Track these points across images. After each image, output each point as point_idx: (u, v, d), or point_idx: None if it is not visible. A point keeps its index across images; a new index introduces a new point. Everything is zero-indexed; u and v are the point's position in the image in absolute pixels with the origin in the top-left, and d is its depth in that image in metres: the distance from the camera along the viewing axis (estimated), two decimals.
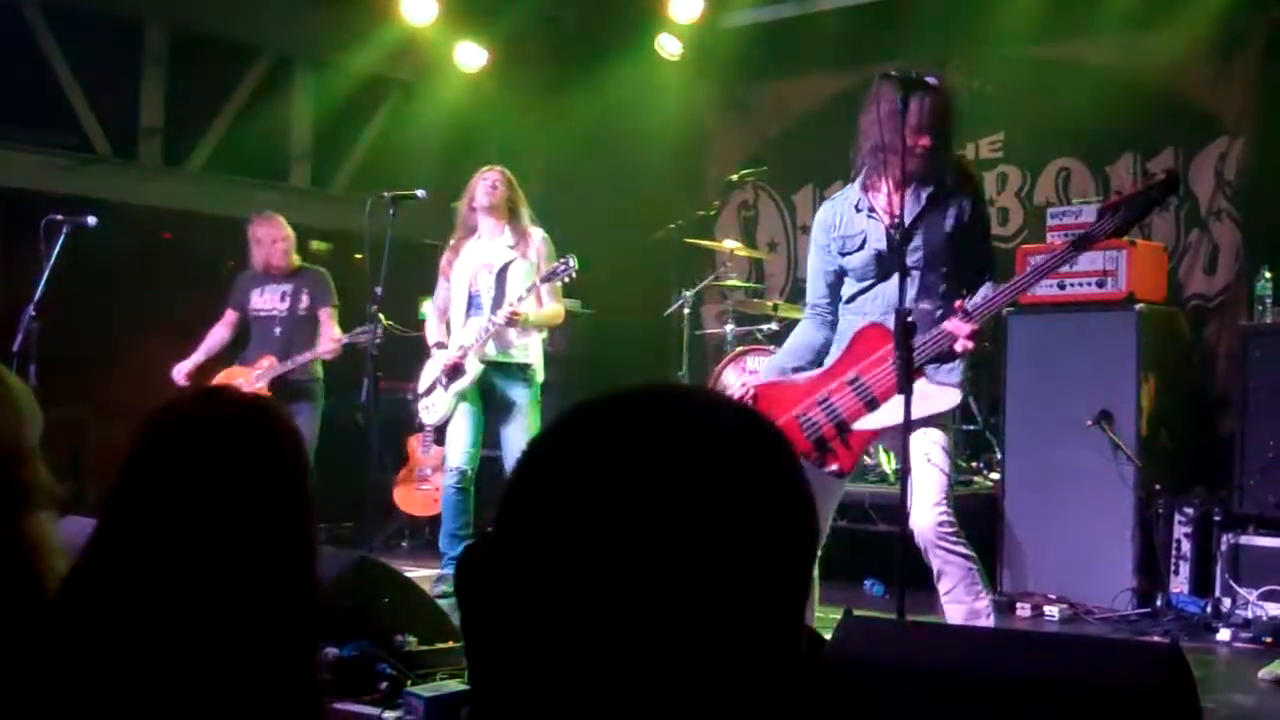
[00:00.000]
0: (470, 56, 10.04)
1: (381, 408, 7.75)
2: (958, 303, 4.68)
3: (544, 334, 7.50)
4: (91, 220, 7.39)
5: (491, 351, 7.22)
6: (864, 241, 4.99)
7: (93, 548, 2.08)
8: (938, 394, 4.71)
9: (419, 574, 6.86)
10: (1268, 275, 6.87)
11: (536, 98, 9.94)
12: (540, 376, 7.37)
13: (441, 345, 7.47)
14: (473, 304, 7.36)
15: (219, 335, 8.44)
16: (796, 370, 5.14)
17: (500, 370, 7.28)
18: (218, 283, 9.40)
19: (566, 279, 7.31)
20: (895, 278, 4.85)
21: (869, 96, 4.95)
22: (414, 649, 4.00)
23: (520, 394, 7.29)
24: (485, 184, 7.43)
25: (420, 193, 7.37)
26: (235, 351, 8.41)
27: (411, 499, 8.51)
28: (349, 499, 8.13)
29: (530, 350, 7.35)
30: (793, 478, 1.11)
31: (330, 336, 8.17)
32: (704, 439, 1.08)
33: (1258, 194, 7.72)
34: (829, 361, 4.98)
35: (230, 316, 8.45)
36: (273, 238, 8.32)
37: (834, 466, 4.85)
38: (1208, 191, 7.99)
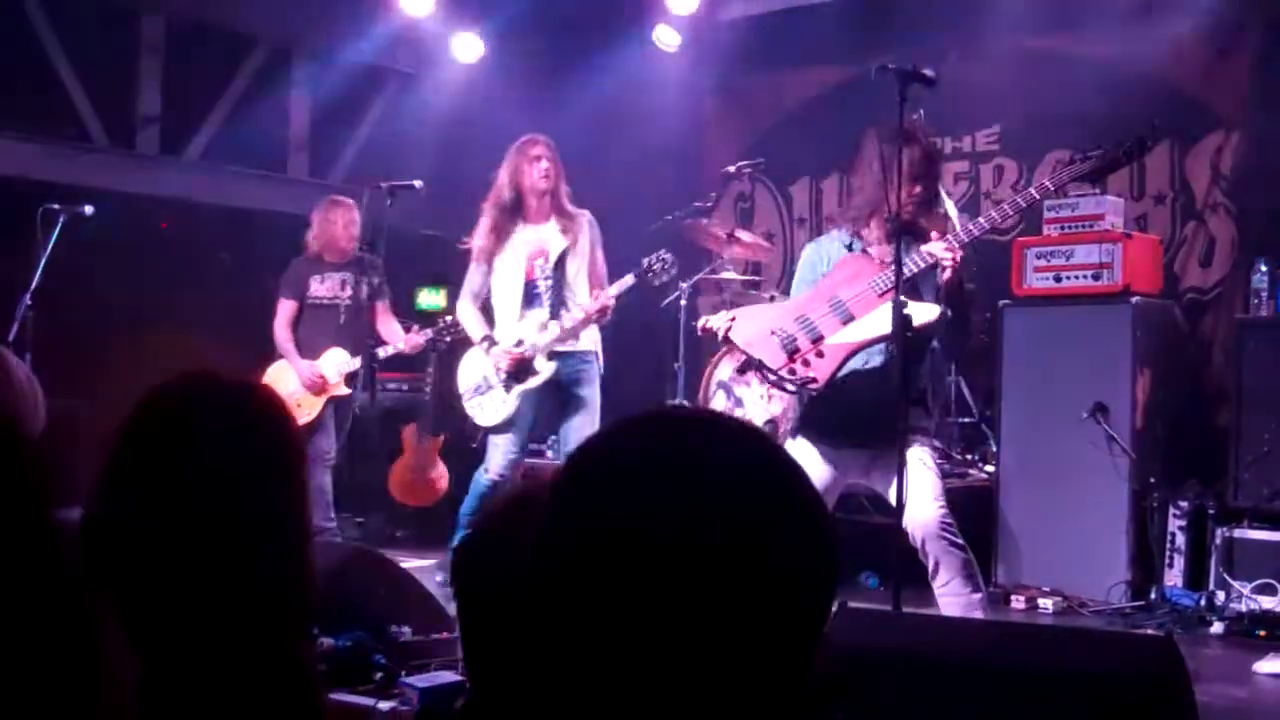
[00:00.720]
0: (467, 47, 10.03)
1: (377, 398, 7.77)
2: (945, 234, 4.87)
3: None
4: (88, 209, 7.40)
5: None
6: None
7: (82, 535, 2.09)
8: (918, 308, 4.77)
9: (414, 564, 6.88)
10: (1263, 268, 6.88)
11: (534, 89, 9.93)
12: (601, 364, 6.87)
13: (490, 340, 6.83)
14: (532, 295, 6.78)
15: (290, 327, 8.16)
16: None
17: (568, 360, 6.73)
18: (215, 272, 9.40)
19: (665, 279, 6.84)
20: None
21: (862, 153, 5.14)
22: (409, 640, 4.00)
23: (590, 383, 6.75)
24: (539, 164, 6.77)
25: (417, 184, 7.36)
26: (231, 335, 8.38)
27: (406, 489, 8.51)
28: (350, 489, 8.14)
29: (594, 337, 6.82)
30: (818, 511, 1.16)
31: (411, 336, 7.97)
32: (745, 468, 1.14)
33: (1253, 187, 7.72)
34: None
35: (291, 307, 8.14)
36: (346, 221, 8.15)
37: (809, 374, 4.92)
38: (1203, 184, 7.99)
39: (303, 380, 7.91)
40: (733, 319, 5.18)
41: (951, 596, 4.80)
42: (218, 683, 1.94)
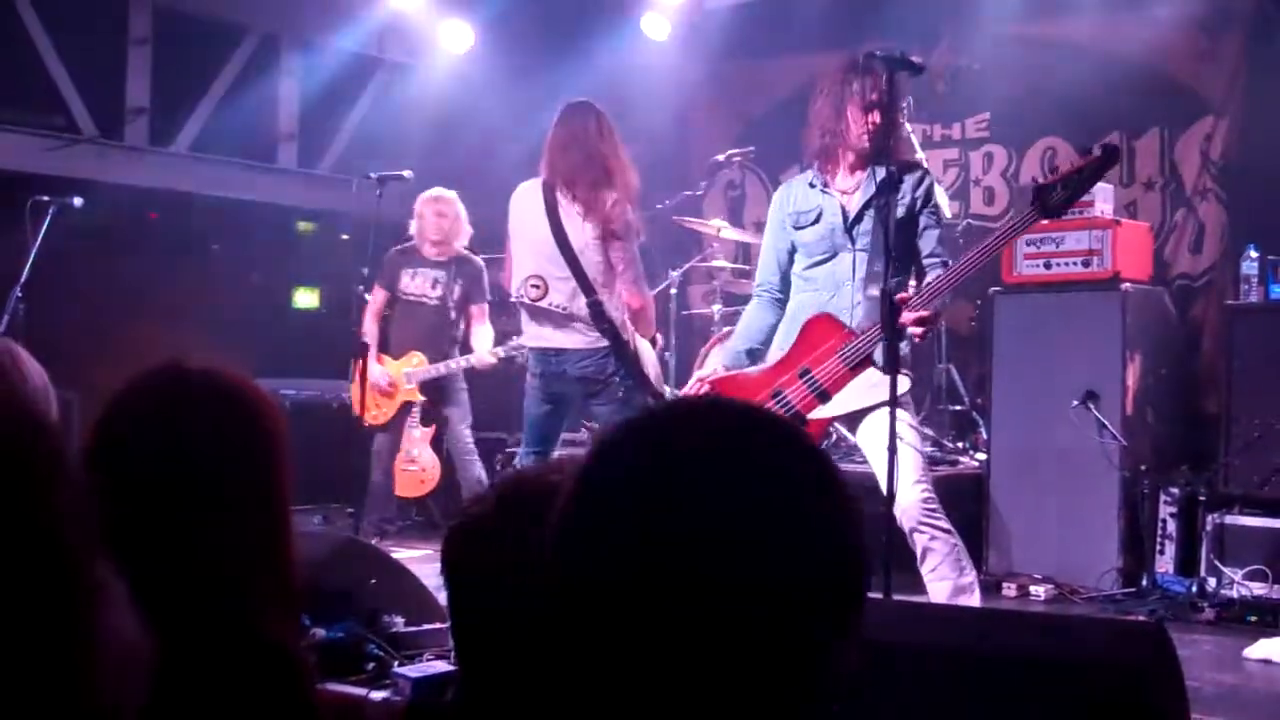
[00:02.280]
0: (457, 37, 10.02)
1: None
2: (900, 295, 4.72)
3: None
4: (78, 201, 7.40)
5: None
6: (818, 216, 5.08)
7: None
8: (884, 381, 4.72)
9: (407, 554, 6.87)
10: (1253, 254, 6.88)
11: (523, 78, 9.92)
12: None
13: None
14: None
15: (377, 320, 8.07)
16: (751, 352, 5.25)
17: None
18: (205, 263, 9.39)
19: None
20: (845, 257, 4.96)
21: (817, 85, 5.10)
22: (401, 630, 4.00)
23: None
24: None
25: (407, 174, 7.35)
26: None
27: (398, 479, 8.51)
28: (342, 480, 8.13)
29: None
30: (851, 500, 1.15)
31: (488, 350, 7.90)
32: (770, 454, 1.13)
33: (1243, 173, 7.73)
34: (780, 347, 5.07)
35: (381, 298, 8.02)
36: (434, 212, 8.02)
37: None
38: (1193, 171, 8.01)
39: (373, 380, 7.75)
40: (709, 390, 5.17)
41: (941, 581, 4.80)
42: (207, 673, 1.94)
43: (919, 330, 4.79)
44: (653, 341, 6.01)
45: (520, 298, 5.86)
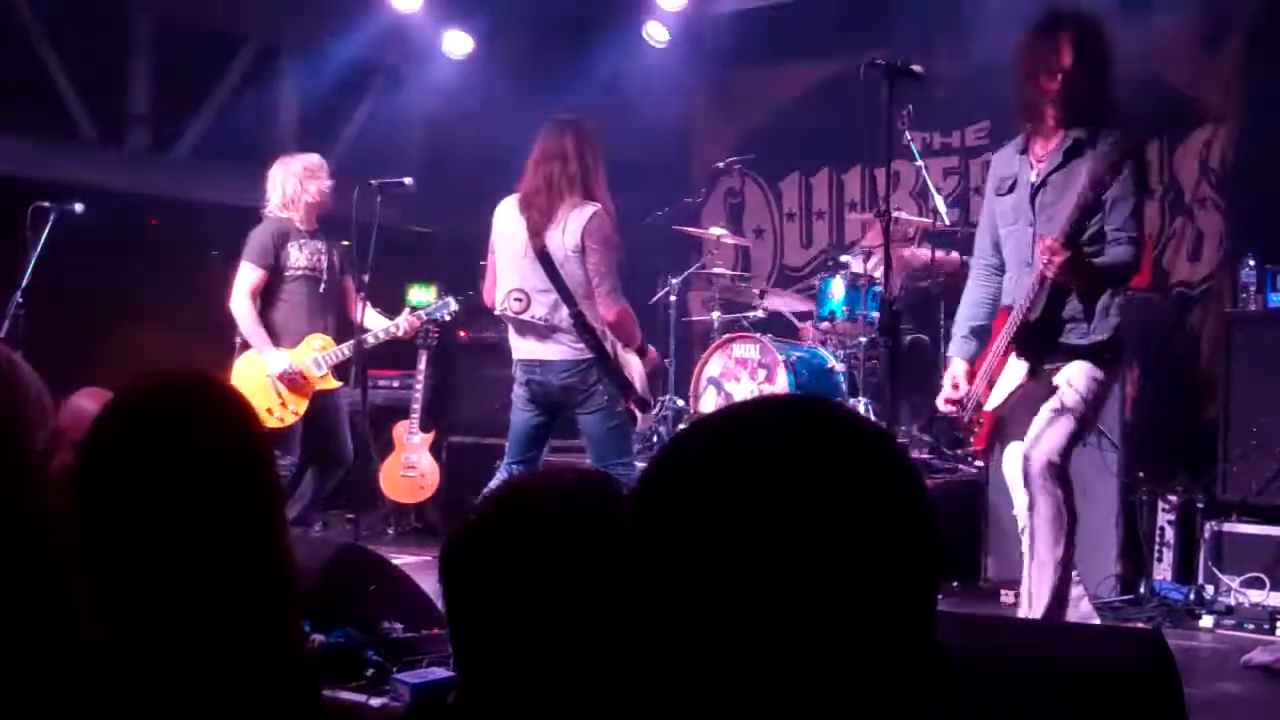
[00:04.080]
0: (457, 44, 10.03)
1: (368, 395, 7.77)
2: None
3: None
4: (79, 207, 7.40)
5: None
6: (1014, 184, 5.06)
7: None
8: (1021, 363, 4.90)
9: (405, 560, 6.88)
10: (1251, 263, 6.90)
11: (523, 85, 9.92)
12: None
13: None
14: None
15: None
16: (976, 330, 5.32)
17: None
18: (205, 269, 9.38)
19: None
20: (1026, 230, 4.94)
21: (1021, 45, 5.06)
22: (400, 636, 4.01)
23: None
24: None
25: (407, 181, 7.35)
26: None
27: (397, 486, 8.52)
28: (341, 486, 8.13)
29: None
30: (924, 497, 1.10)
31: (408, 318, 7.49)
32: (847, 450, 1.08)
33: (1242, 181, 7.75)
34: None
35: (260, 276, 7.32)
36: (327, 180, 7.63)
37: (972, 445, 5.10)
38: (1192, 179, 8.02)
39: (278, 374, 7.19)
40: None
41: (1037, 542, 4.93)
42: (210, 681, 1.95)
43: (1048, 271, 4.74)
44: (642, 351, 6.00)
45: (504, 311, 5.88)
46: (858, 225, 9.12)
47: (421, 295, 10.06)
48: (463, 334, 9.71)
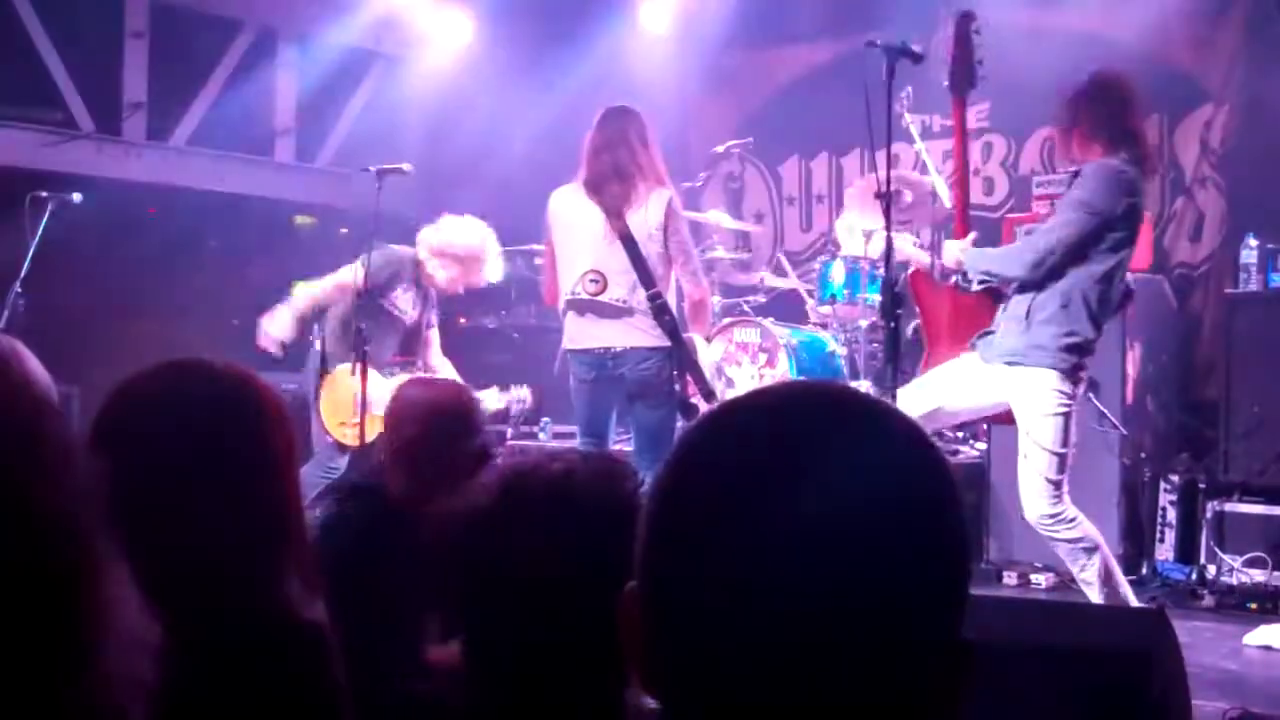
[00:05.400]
0: (454, 30, 10.01)
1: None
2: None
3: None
4: (76, 197, 7.39)
5: None
6: None
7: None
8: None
9: None
10: (1252, 243, 6.89)
11: (521, 70, 9.91)
12: None
13: None
14: None
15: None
16: None
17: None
18: (203, 258, 9.38)
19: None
20: None
21: None
22: None
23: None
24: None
25: (406, 167, 7.33)
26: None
27: None
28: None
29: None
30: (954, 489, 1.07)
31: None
32: (881, 443, 1.05)
33: (1243, 161, 7.73)
34: None
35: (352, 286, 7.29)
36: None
37: None
38: (1192, 159, 8.01)
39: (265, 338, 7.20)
40: None
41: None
42: (228, 646, 1.95)
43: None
44: (708, 339, 6.05)
45: (576, 294, 5.80)
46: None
47: None
48: (463, 320, 9.71)
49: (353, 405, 7.00)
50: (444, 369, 7.45)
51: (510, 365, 9.56)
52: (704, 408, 5.86)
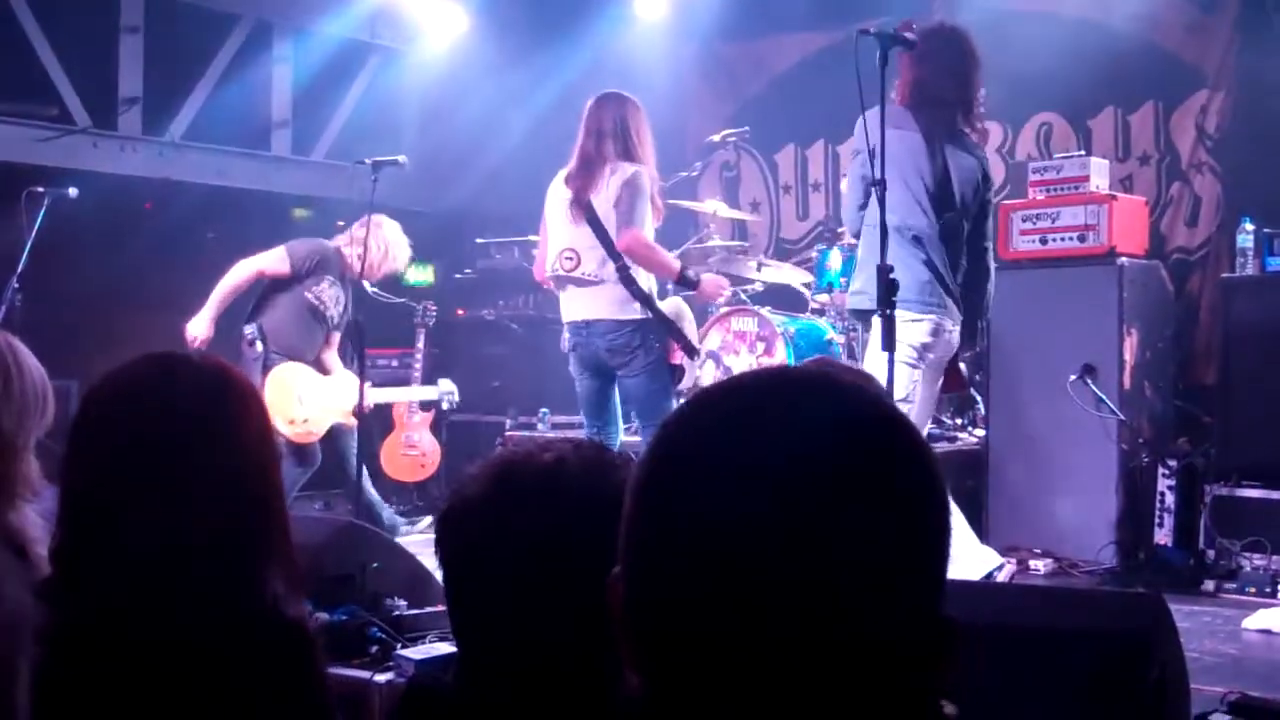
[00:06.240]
0: (449, 21, 10.01)
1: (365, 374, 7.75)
2: None
3: None
4: (72, 191, 7.40)
5: None
6: None
7: (61, 516, 2.11)
8: None
9: (408, 539, 6.89)
10: (1249, 227, 6.89)
11: (516, 60, 9.91)
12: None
13: None
14: None
15: None
16: None
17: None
18: (200, 251, 9.37)
19: None
20: None
21: None
22: (404, 613, 4.01)
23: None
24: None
25: (401, 159, 7.33)
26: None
27: (398, 464, 8.52)
28: (338, 466, 8.14)
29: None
30: (936, 470, 1.10)
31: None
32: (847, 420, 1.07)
33: (1239, 146, 7.73)
34: None
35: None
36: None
37: None
38: (1189, 144, 8.00)
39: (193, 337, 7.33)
40: None
41: None
42: (217, 644, 1.96)
43: None
44: (692, 283, 6.47)
45: (555, 271, 6.25)
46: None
47: (417, 274, 10.06)
48: (461, 312, 9.72)
49: (295, 401, 7.15)
50: (337, 367, 7.77)
51: (508, 356, 9.58)
52: (688, 365, 6.46)
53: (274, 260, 7.47)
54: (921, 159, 5.51)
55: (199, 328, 7.28)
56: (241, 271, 7.44)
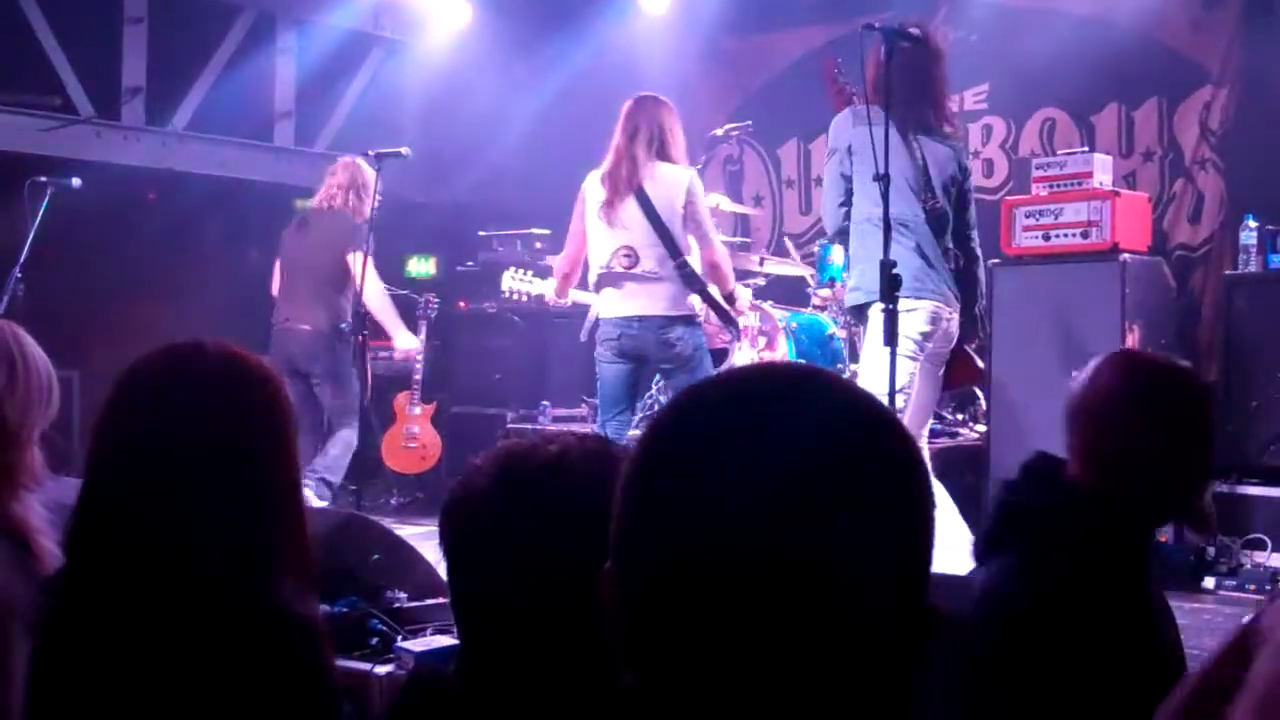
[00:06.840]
0: (453, 13, 10.00)
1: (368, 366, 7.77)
2: None
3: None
4: (76, 182, 7.39)
5: None
6: None
7: (81, 507, 2.11)
8: None
9: (409, 530, 6.89)
10: (1252, 224, 6.88)
11: (520, 53, 9.90)
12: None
13: None
14: None
15: None
16: None
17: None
18: (203, 243, 9.38)
19: None
20: None
21: None
22: (404, 605, 4.02)
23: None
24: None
25: (405, 150, 7.33)
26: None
27: (399, 457, 8.53)
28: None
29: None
30: (920, 467, 1.11)
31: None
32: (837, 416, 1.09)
33: (1242, 143, 7.72)
34: None
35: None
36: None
37: None
38: (1192, 141, 7.99)
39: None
40: None
41: None
42: (225, 635, 1.96)
43: None
44: (732, 299, 6.64)
45: (611, 268, 6.27)
46: None
47: (420, 266, 10.07)
48: (463, 305, 9.72)
49: None
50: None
51: (510, 349, 9.58)
52: (732, 349, 7.03)
53: (366, 265, 7.44)
54: (898, 152, 5.50)
55: (412, 341, 8.05)
56: (380, 285, 7.63)
